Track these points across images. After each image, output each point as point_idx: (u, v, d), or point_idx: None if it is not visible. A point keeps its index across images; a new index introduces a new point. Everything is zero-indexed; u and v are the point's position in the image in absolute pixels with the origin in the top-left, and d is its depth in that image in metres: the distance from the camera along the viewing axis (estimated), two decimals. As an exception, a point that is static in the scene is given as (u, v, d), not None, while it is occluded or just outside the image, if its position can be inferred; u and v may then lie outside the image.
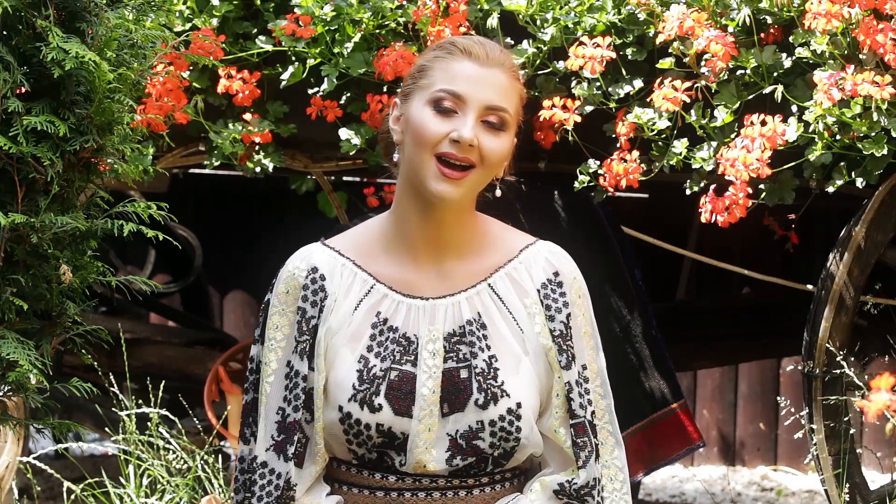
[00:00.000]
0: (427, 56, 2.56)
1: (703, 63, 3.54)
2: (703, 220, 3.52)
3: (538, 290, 2.57)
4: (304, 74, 3.80)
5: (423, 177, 2.48)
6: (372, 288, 2.55)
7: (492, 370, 2.52)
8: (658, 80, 3.55)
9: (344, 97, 3.82)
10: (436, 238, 2.55)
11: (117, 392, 3.98)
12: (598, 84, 3.64)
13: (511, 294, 2.56)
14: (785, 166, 3.55)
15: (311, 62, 3.78)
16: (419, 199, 2.52)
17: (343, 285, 2.55)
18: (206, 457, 3.87)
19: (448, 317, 2.54)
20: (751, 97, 3.55)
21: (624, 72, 3.67)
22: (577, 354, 2.56)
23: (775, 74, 3.53)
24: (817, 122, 3.44)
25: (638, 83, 3.64)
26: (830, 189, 3.56)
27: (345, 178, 5.42)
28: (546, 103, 3.63)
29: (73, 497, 3.91)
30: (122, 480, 3.89)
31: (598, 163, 3.66)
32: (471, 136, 2.47)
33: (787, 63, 3.52)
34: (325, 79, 3.75)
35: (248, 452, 2.59)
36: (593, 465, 2.55)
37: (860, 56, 3.43)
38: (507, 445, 2.52)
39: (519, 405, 2.51)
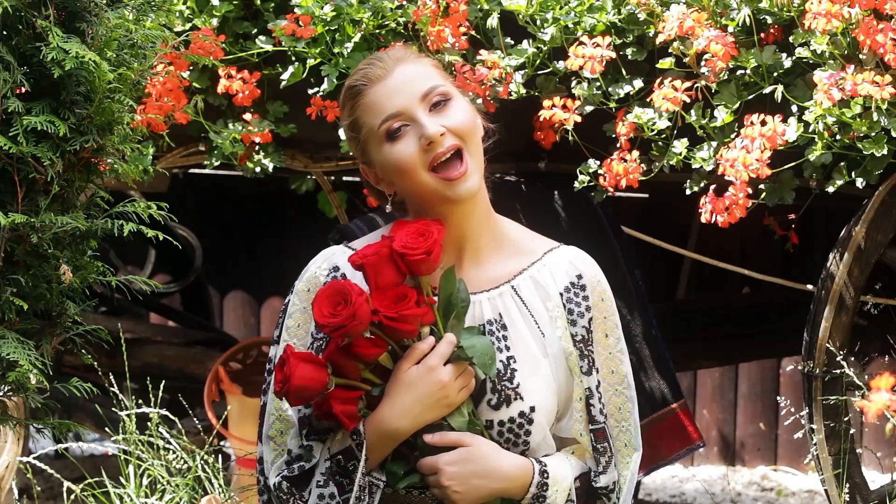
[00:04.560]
0: (345, 112, 2.59)
1: (703, 63, 3.54)
2: (703, 220, 3.52)
3: (561, 294, 2.58)
4: (304, 74, 3.80)
5: (435, 194, 2.51)
6: None
7: (508, 371, 2.53)
8: (658, 80, 3.55)
9: (344, 97, 3.82)
10: (457, 238, 2.56)
11: (117, 392, 3.98)
12: (598, 84, 3.64)
13: (534, 297, 2.57)
14: (785, 166, 3.56)
15: (311, 62, 3.78)
16: (436, 211, 2.54)
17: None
18: (206, 457, 3.87)
19: (468, 316, 2.54)
20: (751, 97, 3.55)
21: (624, 72, 3.67)
22: (596, 359, 2.58)
23: (775, 74, 3.53)
24: (817, 122, 3.44)
25: (638, 83, 3.64)
26: (830, 189, 3.56)
27: (345, 178, 5.42)
28: (546, 103, 3.63)
29: (73, 497, 3.91)
30: (122, 480, 3.88)
31: (598, 163, 3.67)
32: (434, 128, 2.48)
33: (787, 63, 3.53)
34: (325, 79, 3.76)
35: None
36: (612, 469, 2.58)
37: (860, 56, 3.43)
38: (516, 450, 2.53)
39: (532, 409, 2.52)
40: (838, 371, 3.63)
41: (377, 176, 2.59)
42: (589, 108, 3.66)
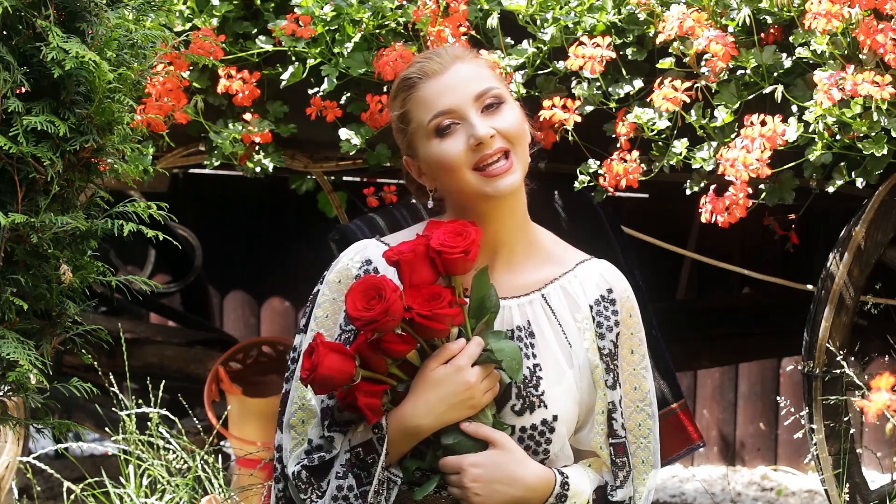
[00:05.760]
0: (396, 103, 2.59)
1: (703, 63, 3.54)
2: (703, 220, 3.52)
3: (591, 307, 2.58)
4: (304, 74, 3.80)
5: (476, 192, 2.51)
6: None
7: (534, 378, 2.53)
8: (658, 80, 3.55)
9: (344, 97, 3.82)
10: (493, 241, 2.56)
11: (117, 392, 3.98)
12: (598, 84, 3.64)
13: (563, 307, 2.57)
14: (785, 166, 3.56)
15: (311, 62, 3.78)
16: (476, 211, 2.54)
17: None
18: (206, 457, 3.87)
19: (497, 320, 2.54)
20: (751, 97, 3.55)
21: (624, 72, 3.67)
22: (620, 374, 2.58)
23: (775, 74, 3.53)
24: (817, 122, 3.44)
25: (638, 83, 3.64)
26: (830, 189, 3.56)
27: (345, 178, 5.42)
28: (546, 103, 3.63)
29: (73, 497, 3.91)
30: (122, 480, 3.88)
31: (598, 163, 3.67)
32: (485, 130, 2.49)
33: (787, 63, 3.53)
34: (325, 79, 3.76)
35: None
36: (630, 484, 2.59)
37: (860, 56, 3.43)
38: (535, 458, 2.53)
39: (555, 418, 2.52)
40: (838, 371, 3.63)
41: (420, 170, 2.59)
42: (589, 108, 3.66)
